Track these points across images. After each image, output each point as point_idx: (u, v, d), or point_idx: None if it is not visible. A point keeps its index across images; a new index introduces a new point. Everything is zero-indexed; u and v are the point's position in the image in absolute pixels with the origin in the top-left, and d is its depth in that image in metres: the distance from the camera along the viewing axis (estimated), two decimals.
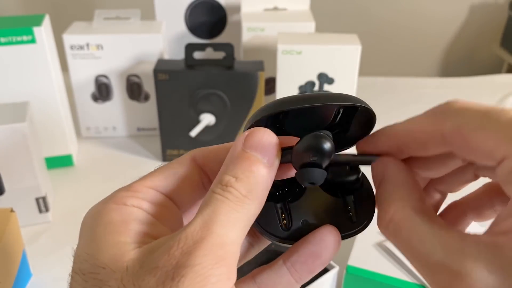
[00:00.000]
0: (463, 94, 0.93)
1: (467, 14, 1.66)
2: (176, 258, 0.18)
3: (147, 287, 0.17)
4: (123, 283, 0.18)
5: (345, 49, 0.65)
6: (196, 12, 0.81)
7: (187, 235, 0.18)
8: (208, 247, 0.18)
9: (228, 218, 0.19)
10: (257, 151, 0.20)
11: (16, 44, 0.60)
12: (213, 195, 0.20)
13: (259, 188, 0.20)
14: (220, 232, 0.19)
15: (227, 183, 0.20)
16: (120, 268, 0.18)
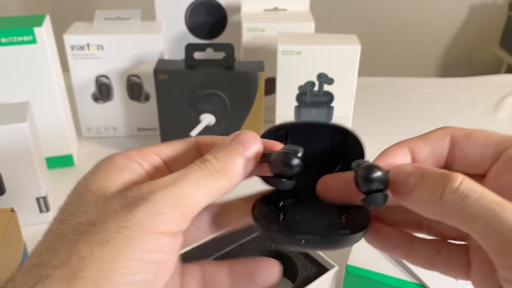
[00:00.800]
0: (463, 95, 0.93)
1: (466, 15, 1.66)
2: (141, 192, 0.22)
3: (111, 209, 0.21)
4: (97, 204, 0.22)
5: (345, 49, 0.65)
6: (196, 13, 0.82)
7: (158, 181, 0.22)
8: (170, 192, 0.22)
9: (197, 181, 0.23)
10: (239, 144, 0.25)
11: (17, 45, 0.60)
12: (192, 164, 0.24)
13: (231, 170, 0.24)
14: (185, 188, 0.22)
15: (206, 159, 0.24)
16: (101, 193, 0.22)
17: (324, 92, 0.68)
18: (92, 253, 0.20)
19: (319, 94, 0.68)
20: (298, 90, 0.68)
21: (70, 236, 0.21)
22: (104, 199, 0.22)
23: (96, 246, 0.20)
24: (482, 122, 0.83)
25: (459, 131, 0.26)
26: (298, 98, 0.69)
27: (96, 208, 0.22)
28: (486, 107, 0.88)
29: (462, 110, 0.87)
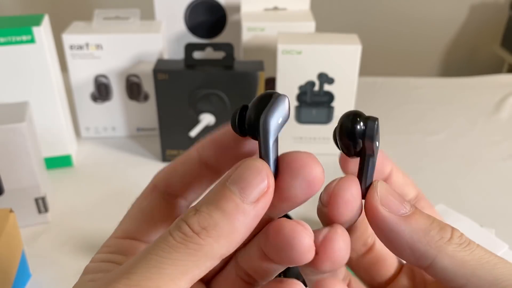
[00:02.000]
0: (464, 94, 0.92)
1: (467, 14, 1.66)
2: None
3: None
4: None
5: (345, 49, 0.65)
6: (196, 12, 0.81)
7: (105, 277, 0.17)
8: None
9: (159, 264, 0.16)
10: (236, 185, 0.17)
11: (15, 44, 0.60)
12: (163, 233, 0.17)
13: (221, 228, 0.17)
14: (139, 279, 0.16)
15: (183, 217, 0.17)
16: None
17: (324, 92, 0.67)
18: None
19: (319, 94, 0.68)
20: (298, 90, 0.68)
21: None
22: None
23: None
24: (483, 122, 0.83)
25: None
26: (298, 98, 0.68)
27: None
28: (487, 107, 0.87)
29: (463, 110, 0.86)
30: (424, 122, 0.81)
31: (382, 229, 0.20)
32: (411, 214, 0.20)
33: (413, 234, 0.19)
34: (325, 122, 0.70)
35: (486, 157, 0.71)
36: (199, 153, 0.21)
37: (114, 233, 0.22)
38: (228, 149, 0.21)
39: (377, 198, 0.20)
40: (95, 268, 0.20)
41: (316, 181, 0.18)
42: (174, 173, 0.22)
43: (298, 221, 0.18)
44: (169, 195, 0.22)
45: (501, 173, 0.68)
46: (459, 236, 0.20)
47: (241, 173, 0.18)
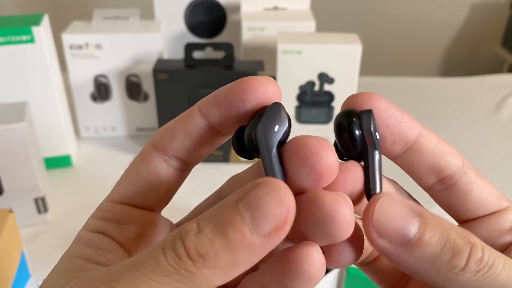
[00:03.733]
0: (464, 94, 0.92)
1: (468, 14, 1.66)
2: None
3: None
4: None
5: (346, 49, 0.65)
6: (196, 12, 0.81)
7: (85, 281, 0.16)
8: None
9: (144, 285, 0.14)
10: (248, 210, 0.15)
11: (15, 44, 0.60)
12: (156, 244, 0.16)
13: (220, 260, 0.15)
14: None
15: (182, 233, 0.15)
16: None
17: (324, 91, 0.67)
18: None
19: (319, 94, 0.68)
20: (298, 90, 0.68)
21: None
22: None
23: None
24: (484, 122, 0.83)
25: None
26: (298, 97, 0.68)
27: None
28: (487, 107, 0.87)
29: (464, 110, 0.86)
30: (424, 122, 0.80)
31: (383, 256, 0.18)
32: (417, 240, 0.17)
33: (417, 265, 0.17)
34: (325, 122, 0.70)
35: (486, 157, 0.71)
36: (201, 112, 0.19)
37: (110, 195, 0.20)
38: (234, 106, 0.18)
39: (373, 230, 0.17)
40: (88, 240, 0.19)
41: (326, 173, 0.16)
42: (174, 133, 0.19)
43: (337, 193, 0.17)
44: (168, 157, 0.20)
45: (501, 173, 0.68)
46: (478, 259, 0.17)
47: (259, 198, 0.15)
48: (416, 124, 0.20)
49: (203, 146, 0.20)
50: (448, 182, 0.20)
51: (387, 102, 0.19)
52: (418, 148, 0.19)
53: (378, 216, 0.17)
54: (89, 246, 0.19)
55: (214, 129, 0.19)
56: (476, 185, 0.20)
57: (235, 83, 0.18)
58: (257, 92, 0.18)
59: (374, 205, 0.17)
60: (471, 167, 0.20)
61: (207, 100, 0.19)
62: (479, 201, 0.20)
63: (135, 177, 0.20)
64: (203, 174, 0.62)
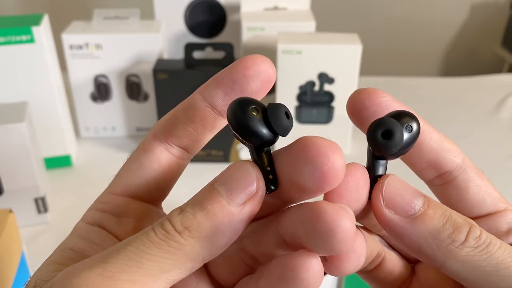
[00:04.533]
0: (464, 94, 0.92)
1: (468, 14, 1.66)
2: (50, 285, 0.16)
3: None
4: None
5: (346, 49, 0.65)
6: (196, 12, 0.81)
7: (81, 263, 0.16)
8: (90, 281, 0.15)
9: (136, 258, 0.15)
10: (223, 186, 0.17)
11: (15, 44, 0.60)
12: (146, 228, 0.17)
13: (204, 229, 0.16)
14: (114, 271, 0.15)
15: (167, 216, 0.17)
16: (30, 285, 0.17)
17: (324, 91, 0.67)
18: None
19: (319, 94, 0.67)
20: (298, 90, 0.68)
21: None
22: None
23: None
24: (484, 122, 0.82)
25: None
26: (298, 97, 0.68)
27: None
28: (487, 107, 0.87)
29: (464, 110, 0.86)
30: None
31: (388, 230, 0.19)
32: (420, 215, 0.18)
33: (420, 238, 0.18)
34: (325, 122, 0.70)
35: (486, 157, 0.71)
36: (203, 96, 0.19)
37: (110, 187, 0.21)
38: (237, 83, 0.19)
39: (382, 200, 0.18)
40: (83, 232, 0.19)
41: (331, 175, 0.16)
42: (175, 121, 0.20)
43: (339, 205, 0.17)
44: (170, 145, 0.20)
45: (501, 173, 0.67)
46: (477, 237, 0.18)
47: (230, 174, 0.17)
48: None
49: (205, 131, 0.20)
50: (446, 178, 0.20)
51: (390, 99, 0.20)
52: (418, 144, 0.20)
53: (387, 187, 0.18)
54: (84, 239, 0.19)
55: (216, 111, 0.20)
56: (473, 184, 0.20)
57: (235, 63, 0.19)
58: (258, 67, 0.19)
59: (385, 179, 0.19)
60: (472, 166, 0.20)
61: (207, 84, 0.20)
62: (475, 200, 0.20)
63: (137, 167, 0.20)
64: (203, 174, 0.62)
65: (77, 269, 0.16)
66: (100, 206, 0.20)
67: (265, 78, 0.19)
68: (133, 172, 0.20)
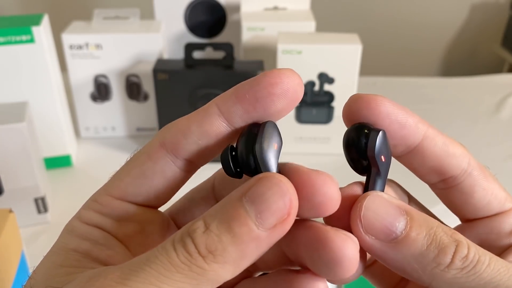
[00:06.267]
0: (464, 94, 0.92)
1: (468, 14, 1.66)
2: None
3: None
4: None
5: (346, 49, 0.65)
6: (196, 12, 0.81)
7: (97, 280, 0.15)
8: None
9: (158, 282, 0.15)
10: (253, 204, 0.15)
11: (15, 44, 0.60)
12: (165, 242, 0.16)
13: (229, 255, 0.15)
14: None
15: (190, 231, 0.15)
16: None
17: (324, 92, 0.67)
18: None
19: (319, 94, 0.67)
20: None
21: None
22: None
23: None
24: (484, 122, 0.82)
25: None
26: None
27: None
28: (487, 107, 0.87)
29: (464, 110, 0.86)
30: None
31: (370, 254, 0.18)
32: (403, 238, 0.17)
33: (404, 262, 0.17)
34: (325, 122, 0.70)
35: (486, 157, 0.71)
36: (220, 110, 0.18)
37: (108, 189, 0.19)
38: (261, 102, 0.17)
39: (361, 226, 0.17)
40: (84, 233, 0.19)
41: (327, 203, 0.16)
42: (188, 133, 0.18)
43: (344, 232, 0.17)
44: (177, 158, 0.19)
45: (501, 173, 0.67)
46: (463, 257, 0.17)
47: (262, 192, 0.15)
48: (421, 126, 0.19)
49: (218, 147, 0.19)
50: (451, 183, 0.20)
51: (391, 107, 0.19)
52: (420, 151, 0.19)
53: (365, 212, 0.17)
54: (86, 240, 0.18)
55: (232, 127, 0.18)
56: (479, 188, 0.19)
57: (259, 77, 0.17)
58: (286, 85, 0.17)
59: (363, 201, 0.18)
60: (477, 168, 0.20)
61: (226, 97, 0.18)
62: (481, 204, 0.20)
63: (139, 175, 0.19)
64: (203, 174, 0.62)
65: (96, 281, 0.15)
66: (98, 208, 0.19)
67: (293, 97, 0.17)
68: (133, 179, 0.19)
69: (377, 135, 0.18)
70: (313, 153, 0.70)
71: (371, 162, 0.18)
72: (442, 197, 0.21)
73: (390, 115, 0.19)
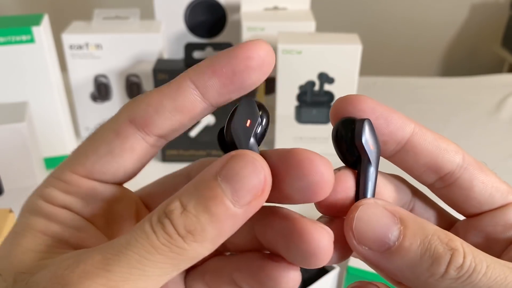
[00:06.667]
0: (464, 94, 0.92)
1: (467, 14, 1.66)
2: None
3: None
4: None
5: (346, 49, 0.65)
6: (196, 11, 0.81)
7: (77, 266, 0.15)
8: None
9: (141, 265, 0.15)
10: (228, 183, 0.15)
11: (15, 44, 0.60)
12: (137, 227, 0.16)
13: (208, 233, 0.15)
14: (119, 280, 0.15)
15: (167, 212, 0.16)
16: (9, 278, 0.16)
17: (324, 91, 0.67)
18: None
19: (319, 94, 0.68)
20: (298, 90, 0.68)
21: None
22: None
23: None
24: (484, 122, 0.83)
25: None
26: (298, 97, 0.68)
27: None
28: (487, 107, 0.87)
29: (464, 110, 0.86)
30: (424, 122, 0.80)
31: (364, 261, 0.18)
32: (396, 248, 0.17)
33: (397, 271, 0.17)
34: (325, 122, 0.70)
35: (486, 157, 0.71)
36: (195, 85, 0.18)
37: (72, 166, 0.18)
38: (238, 76, 0.17)
39: (353, 238, 0.17)
40: (50, 214, 0.18)
41: (320, 186, 0.16)
42: (160, 109, 0.18)
43: (320, 224, 0.17)
44: (148, 135, 0.18)
45: (502, 173, 0.67)
46: (459, 267, 0.16)
47: (236, 170, 0.16)
48: (408, 123, 0.19)
49: (191, 121, 0.18)
50: (448, 180, 0.20)
51: (374, 104, 0.19)
52: (411, 148, 0.19)
53: (357, 223, 0.17)
54: (54, 222, 0.18)
55: (207, 101, 0.18)
56: (478, 181, 0.19)
57: (236, 50, 0.17)
58: (261, 58, 0.17)
59: (355, 212, 0.18)
60: (473, 162, 0.20)
61: (201, 70, 0.17)
62: (483, 197, 0.19)
63: (106, 153, 0.18)
64: None
65: (76, 277, 0.15)
66: (63, 187, 0.18)
67: (267, 69, 0.17)
68: (101, 157, 0.18)
69: (362, 123, 0.18)
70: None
71: (360, 150, 0.19)
72: (443, 197, 0.21)
73: (375, 111, 0.19)
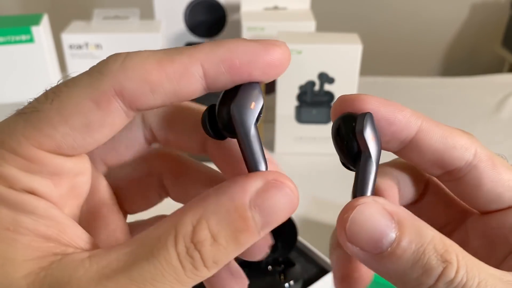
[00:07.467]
0: (465, 94, 0.92)
1: (468, 14, 1.66)
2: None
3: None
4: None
5: (346, 49, 0.64)
6: (196, 11, 0.81)
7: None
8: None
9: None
10: (262, 216, 0.15)
11: (15, 44, 0.60)
12: (167, 250, 0.14)
13: (226, 260, 0.15)
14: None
15: (196, 244, 0.14)
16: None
17: (324, 91, 0.67)
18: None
19: (319, 94, 0.67)
20: (298, 90, 0.67)
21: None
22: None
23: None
24: (484, 122, 0.82)
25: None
26: (298, 97, 0.68)
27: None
28: (488, 106, 0.87)
29: (464, 109, 0.86)
30: None
31: (355, 258, 0.18)
32: (389, 253, 0.16)
33: (385, 275, 0.17)
34: (325, 122, 0.70)
35: None
36: (206, 74, 0.16)
37: (31, 137, 0.15)
38: (253, 77, 0.17)
39: (345, 237, 0.17)
40: (16, 202, 0.15)
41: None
42: (157, 89, 0.15)
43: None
44: (132, 111, 0.16)
45: None
46: (449, 281, 0.16)
47: (272, 203, 0.15)
48: (414, 120, 0.18)
49: (180, 102, 0.17)
50: (455, 175, 0.19)
51: (377, 104, 0.18)
52: (416, 145, 0.19)
53: (352, 225, 0.16)
54: (23, 213, 0.15)
55: (207, 90, 0.16)
56: (488, 180, 0.19)
57: (259, 53, 0.16)
58: (282, 68, 0.16)
59: (350, 212, 0.17)
60: (486, 159, 0.19)
61: (216, 61, 0.16)
62: (491, 196, 0.19)
63: (81, 125, 0.15)
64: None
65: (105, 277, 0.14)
66: (25, 165, 0.15)
67: (281, 73, 0.17)
68: (73, 128, 0.15)
69: (364, 116, 0.18)
70: (313, 153, 0.70)
71: (360, 143, 0.18)
72: (451, 188, 0.20)
73: (377, 113, 0.18)
